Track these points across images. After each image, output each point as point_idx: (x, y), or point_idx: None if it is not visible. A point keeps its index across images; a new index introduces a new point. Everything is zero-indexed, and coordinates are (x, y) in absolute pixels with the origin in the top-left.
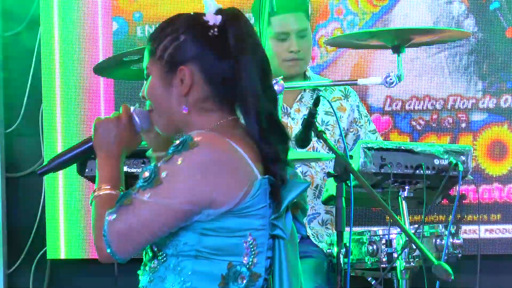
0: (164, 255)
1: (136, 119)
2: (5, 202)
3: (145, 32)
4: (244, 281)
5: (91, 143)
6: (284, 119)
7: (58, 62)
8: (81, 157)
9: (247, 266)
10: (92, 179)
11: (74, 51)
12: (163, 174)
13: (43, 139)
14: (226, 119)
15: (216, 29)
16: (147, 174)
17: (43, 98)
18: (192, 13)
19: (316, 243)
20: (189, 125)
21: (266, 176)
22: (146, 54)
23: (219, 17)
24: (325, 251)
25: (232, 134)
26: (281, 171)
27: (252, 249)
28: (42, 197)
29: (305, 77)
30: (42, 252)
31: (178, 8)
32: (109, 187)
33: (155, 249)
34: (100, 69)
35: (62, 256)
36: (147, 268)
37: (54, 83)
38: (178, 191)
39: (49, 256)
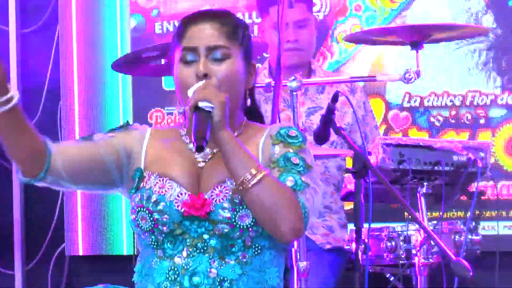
0: (259, 247)
1: None
2: (23, 199)
3: (163, 29)
4: None
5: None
6: (287, 112)
7: (76, 59)
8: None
9: None
10: None
11: (92, 48)
12: (310, 161)
13: (61, 133)
14: None
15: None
16: (297, 161)
17: (61, 96)
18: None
19: (309, 235)
20: (237, 119)
21: None
22: (222, 33)
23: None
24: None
25: None
26: None
27: None
28: (61, 193)
29: (309, 69)
30: (60, 248)
31: (196, 5)
32: (262, 168)
33: (249, 242)
34: (118, 66)
35: (81, 252)
36: (231, 259)
37: (72, 80)
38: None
39: (68, 252)
